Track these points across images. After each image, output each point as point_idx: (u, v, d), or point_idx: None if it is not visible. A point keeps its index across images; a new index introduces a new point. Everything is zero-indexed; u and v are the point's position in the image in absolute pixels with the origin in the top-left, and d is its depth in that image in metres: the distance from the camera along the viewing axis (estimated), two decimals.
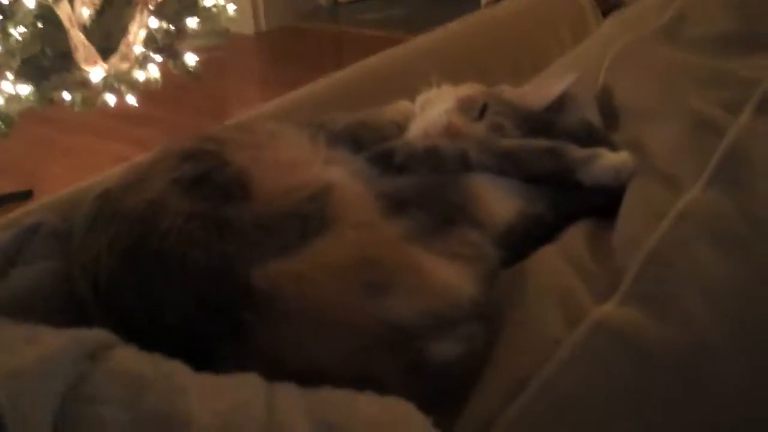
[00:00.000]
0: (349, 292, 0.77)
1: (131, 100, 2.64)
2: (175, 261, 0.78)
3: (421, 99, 1.13)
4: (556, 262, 0.88)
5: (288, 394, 0.68)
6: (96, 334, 0.70)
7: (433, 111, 1.07)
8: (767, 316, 0.80)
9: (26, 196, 2.97)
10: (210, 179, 0.85)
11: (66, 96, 2.53)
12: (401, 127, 1.09)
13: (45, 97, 2.50)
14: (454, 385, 0.79)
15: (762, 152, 0.93)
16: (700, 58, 1.12)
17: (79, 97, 2.56)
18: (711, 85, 1.06)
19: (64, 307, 0.87)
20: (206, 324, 0.76)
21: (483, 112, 1.06)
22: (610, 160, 0.97)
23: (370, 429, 0.66)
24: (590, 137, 1.04)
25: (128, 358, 0.68)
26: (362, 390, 0.71)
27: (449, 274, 0.82)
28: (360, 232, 0.81)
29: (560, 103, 1.12)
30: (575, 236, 0.93)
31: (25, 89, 2.41)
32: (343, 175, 0.91)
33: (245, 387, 0.68)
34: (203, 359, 0.75)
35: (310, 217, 0.82)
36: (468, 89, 1.11)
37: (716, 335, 0.77)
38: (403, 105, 1.16)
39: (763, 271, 0.82)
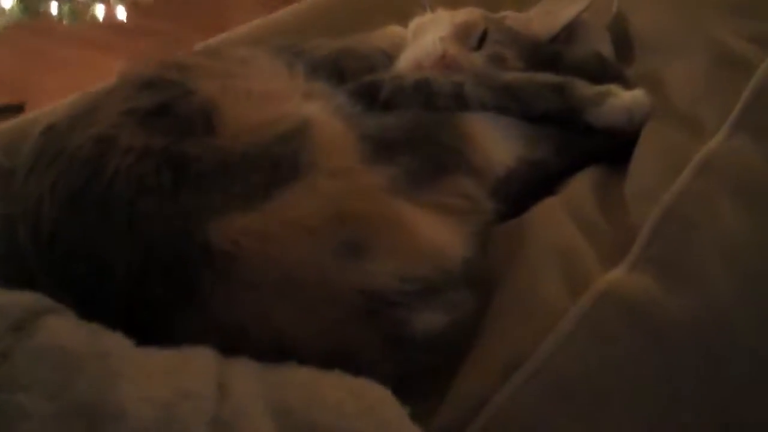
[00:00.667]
0: (321, 253, 0.67)
1: (121, 13, 2.52)
2: (123, 210, 0.68)
3: (413, 24, 1.02)
4: (560, 217, 0.78)
5: (244, 376, 0.59)
6: (23, 299, 0.60)
7: (426, 38, 0.96)
8: None
9: (18, 109, 2.86)
10: (169, 110, 0.75)
11: (53, 8, 2.42)
12: (390, 56, 0.98)
13: (32, 10, 2.40)
14: (440, 360, 0.69)
15: None
16: None
17: (66, 8, 2.46)
18: (740, 13, 0.95)
19: (4, 254, 0.77)
20: (157, 287, 0.66)
21: (482, 40, 0.95)
22: (623, 100, 0.86)
23: (334, 418, 0.57)
24: (602, 72, 0.94)
25: (60, 330, 0.58)
26: (334, 367, 0.62)
27: (438, 232, 0.72)
28: (336, 182, 0.71)
29: (569, 32, 1.02)
30: (582, 187, 0.83)
31: (8, 2, 2.30)
32: (322, 110, 0.80)
33: (195, 369, 0.58)
34: (155, 327, 0.66)
35: (281, 160, 0.71)
36: (466, 14, 0.99)
37: (738, 307, 0.69)
38: (393, 30, 1.05)
39: None
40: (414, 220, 0.72)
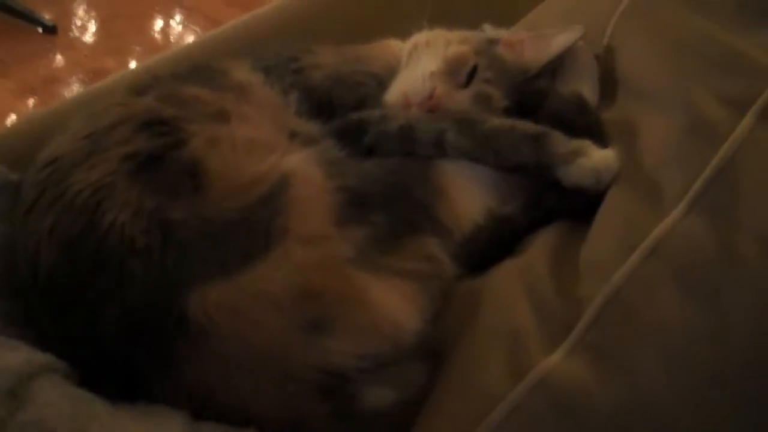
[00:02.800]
0: (286, 330, 0.74)
1: None
2: (114, 268, 0.75)
3: (410, 44, 1.05)
4: (514, 289, 0.83)
5: None
6: (15, 363, 0.69)
7: (418, 68, 0.99)
8: (728, 375, 0.75)
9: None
10: (162, 165, 0.81)
11: None
12: (383, 81, 1.01)
13: None
14: None
15: (754, 176, 0.85)
16: (716, 25, 1.01)
17: None
18: (721, 69, 0.96)
19: (7, 276, 0.85)
20: (138, 345, 0.74)
21: (471, 76, 0.98)
22: (592, 161, 0.89)
23: None
24: (580, 120, 0.96)
25: (47, 403, 0.67)
26: None
27: (396, 306, 0.79)
28: (307, 251, 0.77)
29: (560, 61, 1.04)
30: (541, 251, 0.87)
31: None
32: (304, 160, 0.85)
33: None
34: (135, 379, 0.74)
35: (257, 227, 0.78)
36: (459, 42, 1.02)
37: (666, 399, 0.74)
38: (390, 46, 1.08)
39: (732, 322, 0.76)
40: (375, 295, 0.78)
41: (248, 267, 0.75)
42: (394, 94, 0.99)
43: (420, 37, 1.05)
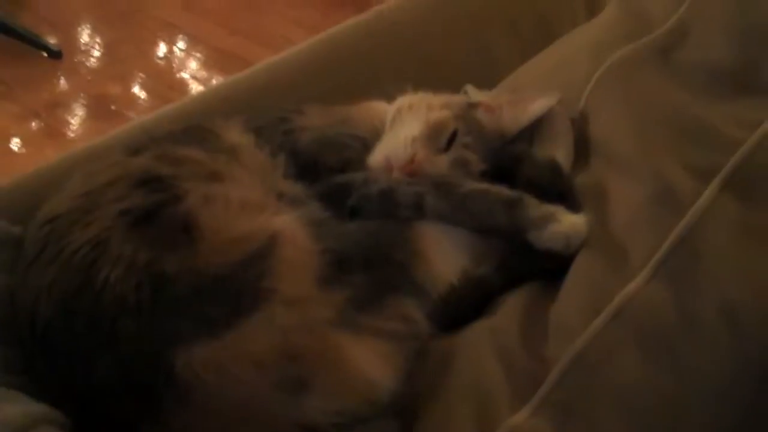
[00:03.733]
0: (267, 389, 0.79)
1: None
2: (107, 324, 0.81)
3: (395, 107, 1.11)
4: (484, 349, 0.88)
5: None
6: (11, 418, 0.74)
7: (400, 133, 1.05)
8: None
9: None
10: (157, 220, 0.87)
11: None
12: (368, 143, 1.07)
13: None
14: None
15: (715, 244, 0.90)
16: (687, 95, 1.07)
17: None
18: (689, 139, 1.01)
19: (7, 325, 0.90)
20: (128, 398, 0.80)
21: (451, 141, 1.04)
22: (562, 226, 0.94)
23: None
24: (554, 181, 1.02)
25: None
26: None
27: (373, 365, 0.84)
28: (290, 313, 0.82)
29: (537, 126, 1.09)
30: (512, 312, 0.93)
31: None
32: (292, 222, 0.91)
33: None
34: (125, 428, 0.80)
35: (245, 287, 0.83)
36: (441, 106, 1.08)
37: None
38: (375, 109, 1.13)
39: (687, 382, 0.82)
40: (352, 355, 0.83)
41: (234, 326, 0.80)
42: (377, 157, 1.04)
43: (404, 100, 1.11)
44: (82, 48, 3.22)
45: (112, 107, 2.90)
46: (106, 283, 0.81)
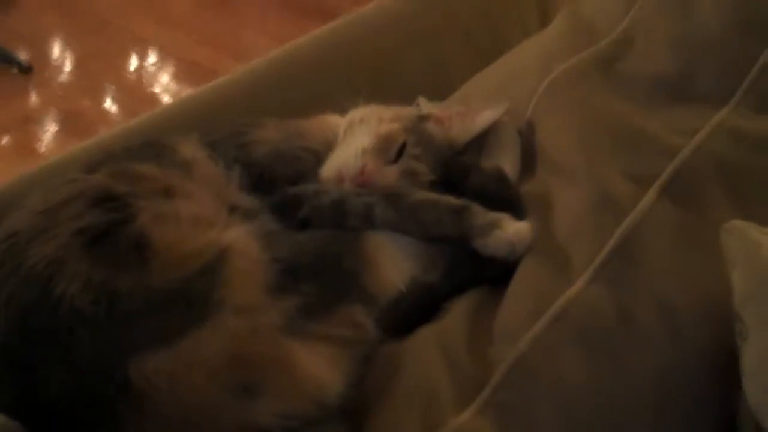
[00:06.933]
0: (218, 394, 0.82)
1: None
2: (64, 336, 0.83)
3: (347, 119, 1.14)
4: (431, 353, 0.91)
5: None
6: None
7: (351, 145, 1.08)
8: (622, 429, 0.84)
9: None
10: (111, 239, 0.89)
11: None
12: (321, 156, 1.10)
13: None
14: None
15: (653, 248, 0.94)
16: (627, 106, 1.11)
17: None
18: (630, 147, 1.06)
19: None
20: (83, 408, 0.82)
21: (400, 153, 1.07)
22: (507, 233, 0.97)
23: None
24: (500, 190, 1.05)
25: None
26: None
27: (321, 369, 0.87)
28: (240, 320, 0.85)
29: (485, 136, 1.13)
30: (458, 317, 0.96)
31: None
32: (242, 235, 0.93)
33: None
34: None
35: (196, 298, 0.86)
36: (391, 119, 1.11)
37: None
38: (327, 122, 1.17)
39: (627, 381, 0.85)
40: (301, 360, 0.86)
41: (186, 335, 0.83)
42: (329, 169, 1.08)
43: (356, 113, 1.14)
44: (53, 63, 3.24)
45: (83, 122, 2.91)
46: (63, 297, 0.84)
